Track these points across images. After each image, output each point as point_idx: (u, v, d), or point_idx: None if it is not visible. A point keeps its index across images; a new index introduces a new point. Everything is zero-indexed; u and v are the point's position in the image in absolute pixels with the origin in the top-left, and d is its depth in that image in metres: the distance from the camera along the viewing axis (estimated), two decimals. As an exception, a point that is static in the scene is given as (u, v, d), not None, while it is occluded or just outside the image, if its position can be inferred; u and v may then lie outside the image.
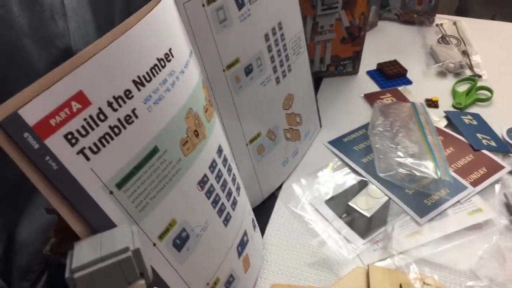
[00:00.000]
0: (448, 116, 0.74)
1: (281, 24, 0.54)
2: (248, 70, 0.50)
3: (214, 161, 0.41)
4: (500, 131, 0.70)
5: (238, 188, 0.46)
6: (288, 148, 0.62)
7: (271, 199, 0.61)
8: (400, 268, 0.51)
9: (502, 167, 0.63)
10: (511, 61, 0.88)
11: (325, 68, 0.82)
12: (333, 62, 0.81)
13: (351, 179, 0.62)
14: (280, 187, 0.63)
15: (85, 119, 0.29)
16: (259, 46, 0.51)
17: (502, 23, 1.10)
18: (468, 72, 0.85)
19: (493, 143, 0.68)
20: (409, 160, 0.60)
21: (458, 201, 0.58)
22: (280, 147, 0.60)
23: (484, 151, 0.66)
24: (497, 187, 0.61)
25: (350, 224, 0.55)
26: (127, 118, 0.31)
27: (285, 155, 0.61)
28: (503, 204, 0.59)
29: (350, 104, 0.78)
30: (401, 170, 0.59)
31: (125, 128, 0.31)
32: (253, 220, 0.51)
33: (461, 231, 0.55)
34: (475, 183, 0.61)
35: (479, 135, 0.69)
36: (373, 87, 0.82)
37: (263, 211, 0.59)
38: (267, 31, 0.52)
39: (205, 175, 0.39)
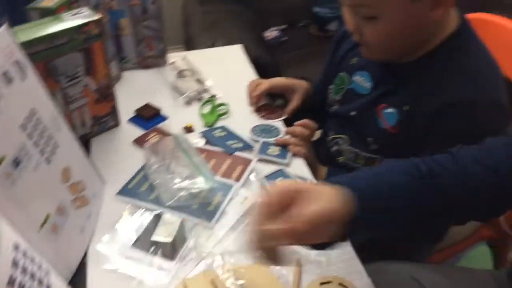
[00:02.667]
0: (204, 135, 0.91)
1: (34, 110, 0.58)
2: (16, 163, 0.53)
3: (14, 259, 0.43)
4: (244, 133, 0.92)
5: (47, 272, 0.49)
6: (81, 215, 0.66)
7: (83, 267, 0.64)
8: (209, 266, 0.63)
9: (251, 160, 0.84)
10: (232, 77, 1.12)
11: (89, 130, 0.88)
12: (95, 122, 0.88)
13: (147, 217, 0.71)
14: (86, 252, 0.67)
15: None
16: (20, 138, 0.54)
17: (220, 48, 1.38)
18: (206, 96, 1.05)
19: (240, 145, 0.89)
20: (185, 183, 0.74)
21: (231, 198, 0.75)
22: (72, 218, 0.64)
23: (237, 153, 0.86)
24: (252, 175, 0.81)
25: (159, 254, 0.65)
26: None
27: (80, 223, 0.66)
28: (260, 186, 0.79)
29: (124, 152, 0.87)
30: (182, 193, 0.72)
31: None
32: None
33: (240, 219, 0.72)
34: (237, 179, 0.79)
35: (229, 142, 0.89)
36: (139, 132, 0.92)
37: (79, 282, 0.62)
38: (21, 122, 0.55)
39: (11, 276, 0.41)
